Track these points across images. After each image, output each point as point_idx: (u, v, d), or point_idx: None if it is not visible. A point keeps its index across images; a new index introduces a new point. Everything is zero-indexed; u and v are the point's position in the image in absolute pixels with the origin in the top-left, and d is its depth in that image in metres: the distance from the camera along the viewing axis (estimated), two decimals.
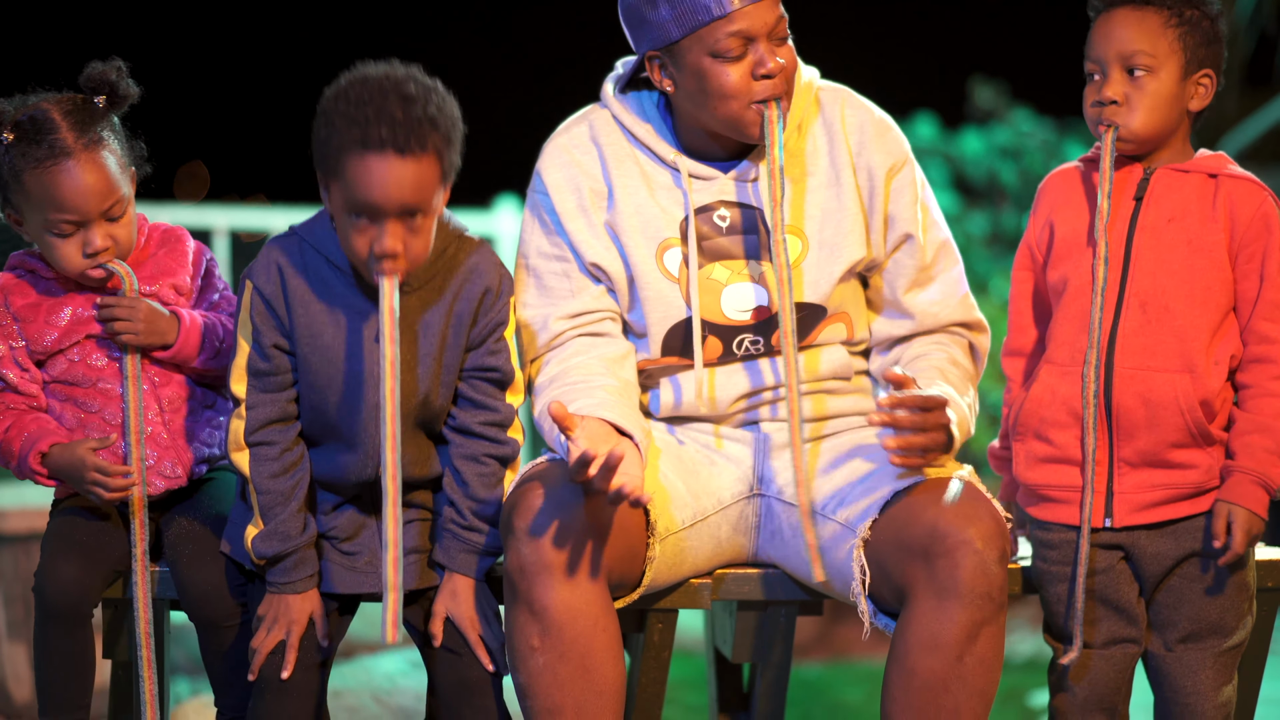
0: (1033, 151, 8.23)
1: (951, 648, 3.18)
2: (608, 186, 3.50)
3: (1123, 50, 3.29)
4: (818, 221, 3.46)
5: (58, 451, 3.35)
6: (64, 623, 3.37)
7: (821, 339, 3.50)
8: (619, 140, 3.51)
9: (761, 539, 3.52)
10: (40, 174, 3.31)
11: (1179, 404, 3.26)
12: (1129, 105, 3.29)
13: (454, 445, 3.36)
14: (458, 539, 3.33)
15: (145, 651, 3.37)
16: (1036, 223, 3.43)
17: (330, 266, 3.28)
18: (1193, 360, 3.27)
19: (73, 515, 3.42)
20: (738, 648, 3.69)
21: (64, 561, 3.36)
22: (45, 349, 3.41)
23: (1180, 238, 3.30)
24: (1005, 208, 8.16)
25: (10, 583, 5.45)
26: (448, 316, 3.31)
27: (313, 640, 3.32)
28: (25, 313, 3.41)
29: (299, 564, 3.30)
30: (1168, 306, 3.28)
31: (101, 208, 3.34)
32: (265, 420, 3.30)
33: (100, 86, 3.39)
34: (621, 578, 3.30)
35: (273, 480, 3.29)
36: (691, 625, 6.39)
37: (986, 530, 3.19)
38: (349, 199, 3.15)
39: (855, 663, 6.77)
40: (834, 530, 3.36)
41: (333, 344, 3.28)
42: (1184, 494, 3.29)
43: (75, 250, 3.35)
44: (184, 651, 5.71)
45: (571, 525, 3.20)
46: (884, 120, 3.53)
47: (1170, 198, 3.32)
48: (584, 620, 3.21)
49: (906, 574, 3.22)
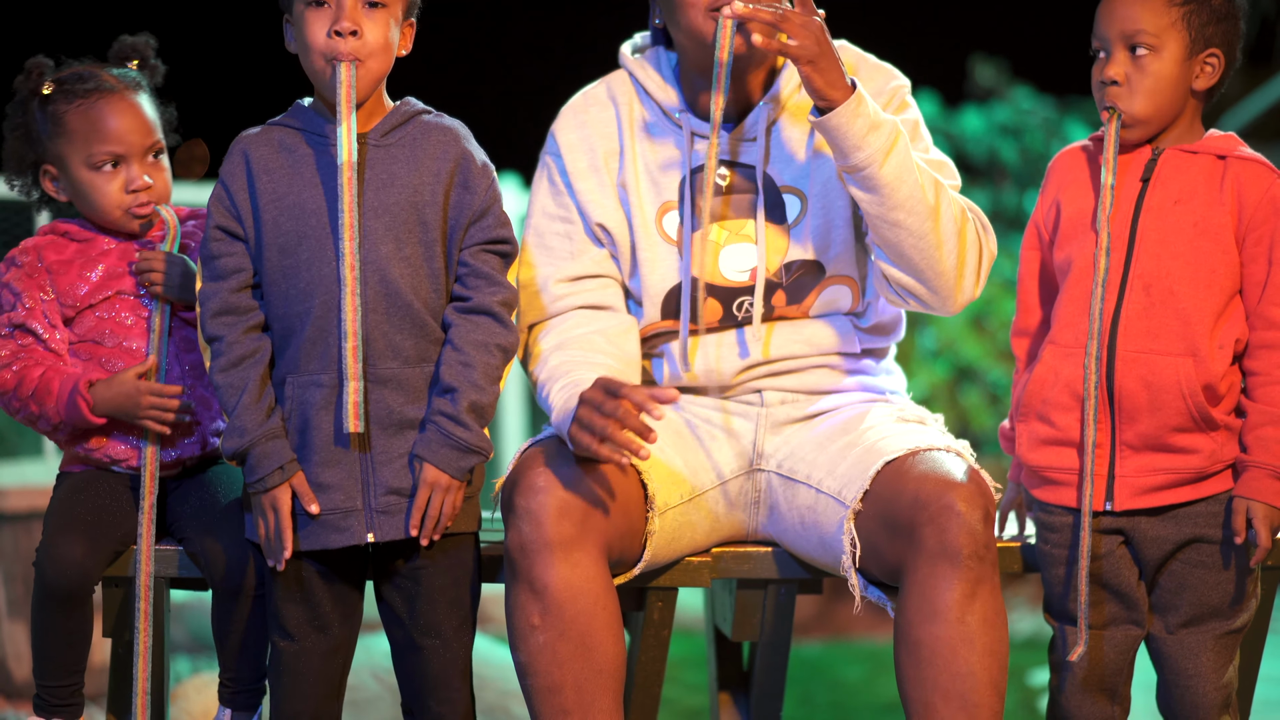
0: (1033, 130, 8.23)
1: (951, 610, 3.18)
2: (620, 146, 3.51)
3: (1125, 29, 3.27)
4: (817, 181, 3.45)
5: (102, 387, 3.37)
6: (63, 602, 3.37)
7: (822, 301, 3.49)
8: (633, 100, 3.52)
9: (760, 515, 3.53)
10: (85, 108, 3.40)
11: (1181, 387, 3.24)
12: (1130, 87, 3.27)
13: (465, 329, 3.27)
14: (442, 431, 3.24)
15: (144, 593, 3.37)
16: (1044, 202, 3.42)
17: (296, 133, 3.29)
18: (1196, 344, 3.25)
19: (77, 492, 3.42)
20: (737, 626, 3.69)
21: (66, 541, 3.35)
22: (76, 302, 3.43)
23: (1186, 220, 3.28)
24: (1006, 186, 8.15)
25: (10, 561, 5.45)
26: (419, 173, 3.28)
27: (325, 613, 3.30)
28: (58, 267, 3.44)
29: (262, 458, 3.22)
30: (1172, 289, 3.26)
31: (143, 143, 3.42)
32: (212, 311, 3.26)
33: (130, 54, 3.50)
34: (621, 555, 3.31)
35: (223, 374, 3.24)
36: (691, 603, 6.40)
37: (968, 492, 3.20)
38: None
39: (855, 641, 6.78)
40: (826, 504, 3.36)
41: (300, 200, 3.25)
42: (1185, 479, 3.27)
43: (118, 188, 3.41)
44: (184, 629, 5.72)
45: (573, 504, 3.21)
46: (881, 64, 3.52)
47: (1177, 179, 3.30)
48: (585, 599, 3.21)
49: (897, 548, 3.23)
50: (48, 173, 3.46)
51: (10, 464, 6.37)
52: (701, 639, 5.88)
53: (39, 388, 3.38)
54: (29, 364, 3.40)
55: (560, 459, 3.25)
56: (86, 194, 3.43)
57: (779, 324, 3.49)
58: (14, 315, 3.42)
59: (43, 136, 3.44)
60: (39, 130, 3.44)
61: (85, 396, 3.36)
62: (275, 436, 3.24)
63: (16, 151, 3.48)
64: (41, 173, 3.46)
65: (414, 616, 3.30)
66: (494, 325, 3.27)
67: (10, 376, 3.40)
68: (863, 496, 3.29)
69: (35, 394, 3.38)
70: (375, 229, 3.24)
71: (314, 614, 3.30)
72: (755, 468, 3.53)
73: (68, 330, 3.44)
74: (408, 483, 3.24)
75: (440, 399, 3.25)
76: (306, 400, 3.25)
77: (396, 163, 3.27)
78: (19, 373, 3.39)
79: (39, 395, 3.38)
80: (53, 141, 3.43)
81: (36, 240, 3.48)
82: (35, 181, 3.49)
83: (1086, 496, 3.27)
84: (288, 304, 3.26)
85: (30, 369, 3.39)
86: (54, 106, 3.42)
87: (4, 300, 3.44)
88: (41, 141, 3.44)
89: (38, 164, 3.47)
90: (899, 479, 3.26)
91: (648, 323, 3.51)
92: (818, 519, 3.38)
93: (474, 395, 3.24)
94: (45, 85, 3.43)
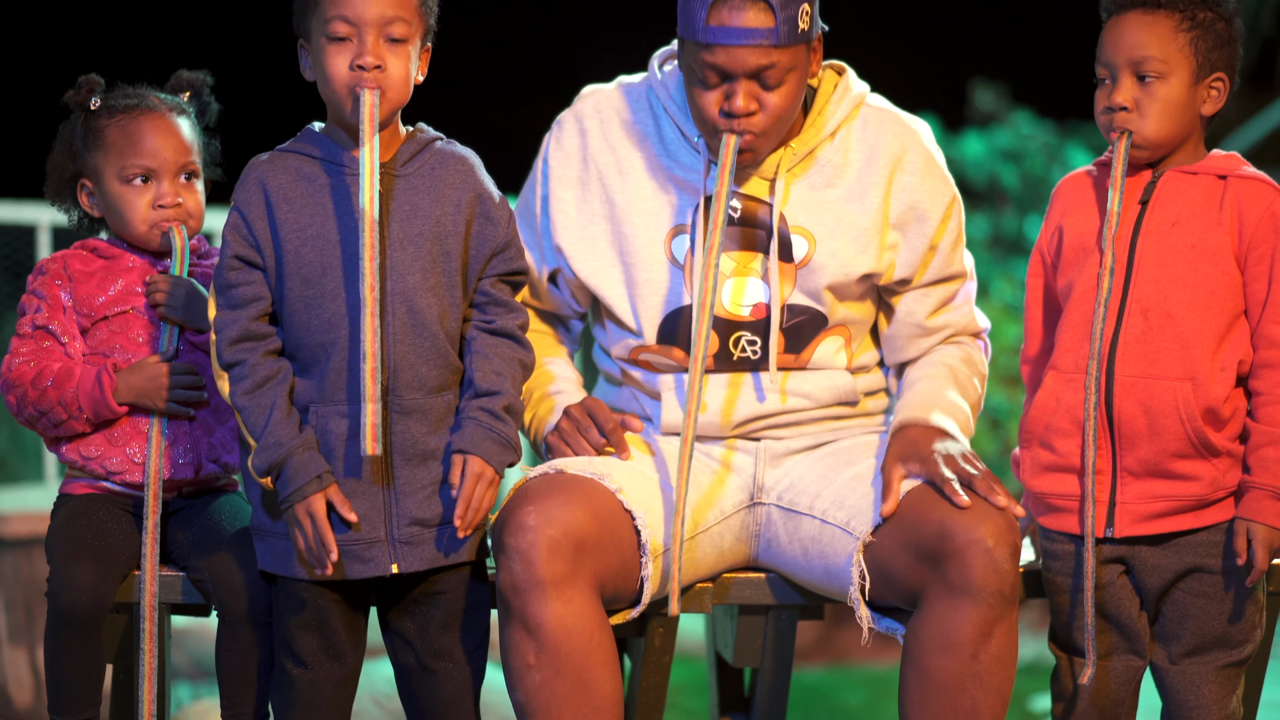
0: (1033, 154, 8.23)
1: (966, 646, 3.17)
2: (642, 152, 3.47)
3: (1133, 56, 3.26)
4: (830, 229, 3.43)
5: (126, 372, 3.41)
6: (79, 629, 3.37)
7: (819, 353, 3.48)
8: (650, 114, 3.50)
9: (760, 546, 3.52)
10: (124, 122, 3.45)
11: (1179, 412, 3.23)
12: (1140, 111, 3.26)
13: (492, 344, 3.31)
14: (484, 426, 3.25)
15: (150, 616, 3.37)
16: (1047, 228, 3.41)
17: (313, 161, 3.28)
18: (1195, 368, 3.24)
19: (78, 517, 3.43)
20: (739, 652, 3.69)
21: (78, 567, 3.35)
22: (91, 312, 3.45)
23: (1184, 242, 3.27)
24: (1006, 210, 8.16)
25: (11, 587, 5.45)
26: (441, 204, 3.28)
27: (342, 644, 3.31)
28: (81, 277, 3.47)
29: (300, 468, 3.20)
30: (1170, 313, 3.25)
31: (177, 161, 3.45)
32: (231, 339, 3.25)
33: (185, 88, 3.55)
34: (617, 592, 3.29)
35: (247, 396, 3.23)
36: (692, 629, 6.39)
37: (996, 527, 3.19)
38: (327, 20, 3.19)
39: (856, 667, 6.78)
40: (833, 535, 3.35)
41: (323, 231, 3.25)
42: (1186, 506, 3.26)
43: (146, 202, 3.45)
44: (185, 655, 5.71)
45: (563, 542, 3.19)
46: (935, 155, 3.49)
47: (1175, 201, 3.29)
48: (579, 636, 3.20)
49: (916, 574, 3.22)
50: (84, 186, 3.50)
51: (11, 489, 6.37)
52: (703, 665, 5.88)
53: (59, 375, 3.40)
54: (49, 360, 3.43)
55: (550, 497, 3.23)
56: (116, 206, 3.46)
57: (774, 385, 3.47)
58: (37, 317, 3.46)
59: (82, 150, 3.48)
60: (79, 143, 3.48)
61: (111, 376, 3.39)
62: (310, 448, 3.22)
63: (58, 165, 3.52)
64: (79, 186, 3.50)
65: (426, 640, 3.31)
66: (516, 346, 3.33)
67: (28, 370, 3.42)
68: (874, 529, 3.28)
69: (55, 381, 3.40)
70: (401, 260, 3.25)
71: (329, 642, 3.30)
72: (756, 501, 3.52)
73: (83, 340, 3.46)
74: (430, 513, 3.26)
75: (479, 399, 3.27)
76: (330, 430, 3.25)
77: (418, 193, 3.28)
78: (37, 366, 3.42)
79: (58, 381, 3.40)
80: (91, 154, 3.46)
81: (66, 252, 3.52)
82: (74, 196, 3.52)
83: (1088, 516, 3.26)
84: (310, 334, 3.26)
85: (50, 362, 3.42)
86: (96, 121, 3.46)
87: (29, 305, 3.47)
88: (81, 155, 3.48)
89: (76, 177, 3.50)
90: (924, 504, 3.24)
91: (638, 345, 3.50)
92: (823, 549, 3.37)
93: (509, 399, 3.28)
94: (93, 101, 3.47)
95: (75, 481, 3.48)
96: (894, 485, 3.27)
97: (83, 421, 3.42)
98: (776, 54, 3.28)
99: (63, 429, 3.43)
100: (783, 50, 3.28)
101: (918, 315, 3.52)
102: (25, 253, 6.62)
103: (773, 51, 3.27)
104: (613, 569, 3.26)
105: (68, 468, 3.51)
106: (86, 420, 3.42)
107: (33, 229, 6.60)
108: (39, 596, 5.16)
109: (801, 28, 3.28)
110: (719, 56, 3.28)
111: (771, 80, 3.29)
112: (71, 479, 3.49)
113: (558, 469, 3.32)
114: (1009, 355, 7.81)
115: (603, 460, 3.39)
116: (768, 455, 3.51)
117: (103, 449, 3.44)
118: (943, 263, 3.49)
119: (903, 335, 3.54)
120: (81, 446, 3.45)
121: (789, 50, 3.29)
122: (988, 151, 8.25)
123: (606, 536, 3.25)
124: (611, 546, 3.26)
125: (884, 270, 3.47)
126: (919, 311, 3.51)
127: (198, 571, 3.41)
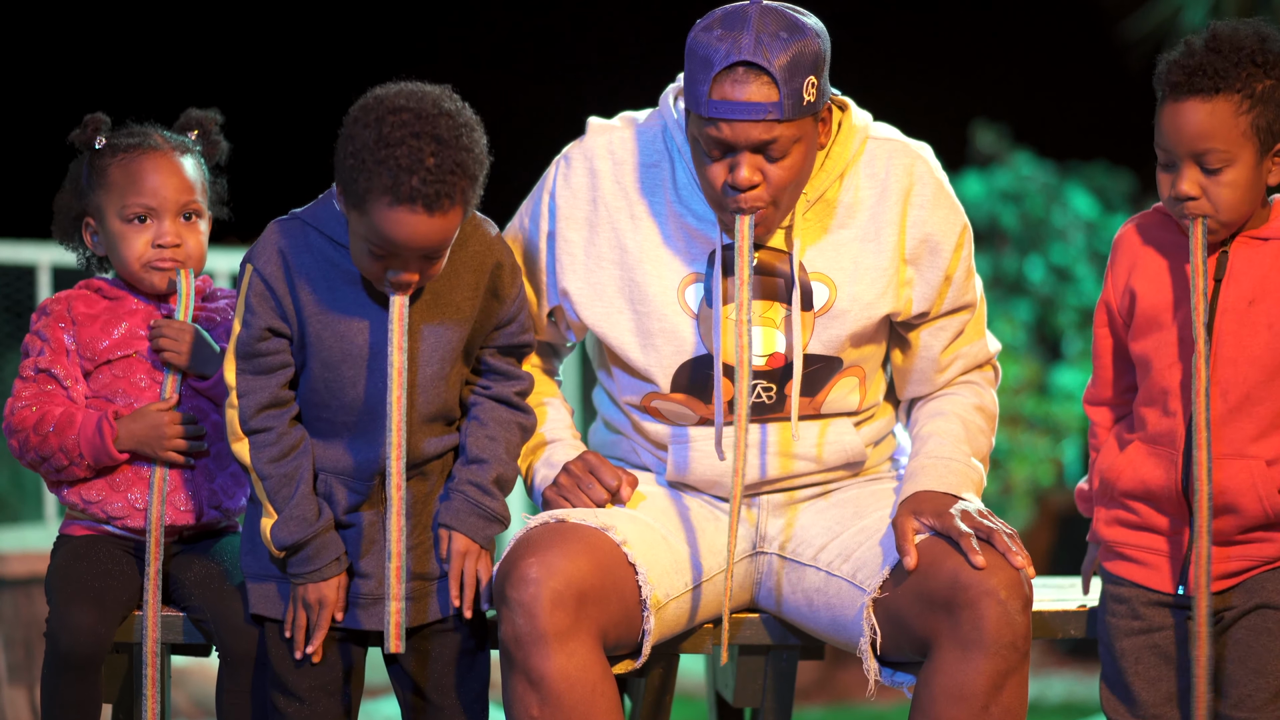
0: (1033, 195, 8.24)
1: (978, 698, 3.16)
2: (653, 197, 3.43)
3: (1195, 148, 3.17)
4: (849, 272, 3.39)
5: (127, 419, 3.41)
6: (77, 670, 3.37)
7: (833, 395, 3.44)
8: (666, 156, 3.44)
9: (761, 594, 3.51)
10: (127, 161, 3.45)
11: (1257, 491, 3.19)
12: (1209, 197, 3.18)
13: (488, 409, 3.35)
14: (470, 500, 3.30)
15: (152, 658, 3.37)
16: (1116, 284, 3.33)
17: (335, 246, 3.27)
18: (1273, 448, 3.20)
19: (78, 559, 3.43)
20: (739, 692, 3.68)
21: (78, 609, 3.36)
22: (95, 355, 3.45)
23: (1261, 321, 3.21)
24: (1006, 251, 8.16)
25: (11, 626, 5.44)
26: (460, 289, 3.29)
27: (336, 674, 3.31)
28: (84, 319, 3.47)
29: (322, 549, 3.26)
30: (1248, 395, 3.20)
31: (178, 201, 3.45)
32: (259, 406, 3.27)
33: (194, 126, 3.54)
34: (619, 640, 3.28)
35: (273, 465, 3.26)
36: (693, 669, 6.38)
37: (1010, 579, 3.17)
38: (370, 235, 3.15)
39: (857, 707, 6.76)
40: (840, 587, 3.34)
41: (345, 319, 3.26)
42: (1257, 565, 3.23)
43: (144, 242, 3.45)
44: (186, 695, 5.71)
45: (566, 594, 3.18)
46: (943, 182, 3.46)
47: (1249, 275, 3.22)
48: (582, 688, 3.19)
49: (928, 625, 3.20)
50: (88, 225, 3.50)
51: (11, 529, 6.36)
52: (703, 705, 5.86)
53: (60, 421, 3.40)
54: (51, 405, 3.43)
55: (552, 548, 3.22)
56: (115, 245, 3.46)
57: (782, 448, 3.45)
58: (40, 359, 3.46)
59: (87, 189, 3.48)
60: (85, 182, 3.49)
61: (111, 424, 3.39)
62: (331, 528, 3.28)
63: (65, 204, 3.52)
64: (84, 225, 3.51)
65: (431, 678, 3.33)
66: (515, 410, 3.37)
67: (30, 415, 3.42)
68: (882, 584, 3.26)
69: (56, 427, 3.40)
70: (422, 350, 3.28)
71: (326, 679, 3.31)
72: (758, 550, 3.50)
73: (85, 384, 3.46)
74: (431, 567, 3.31)
75: (468, 468, 3.32)
76: (335, 497, 3.31)
77: (439, 280, 3.28)
78: (40, 410, 3.42)
79: (60, 428, 3.40)
80: (94, 193, 3.47)
81: (70, 292, 3.52)
82: (79, 235, 3.53)
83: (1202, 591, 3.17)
84: (328, 410, 3.30)
85: (52, 408, 3.42)
86: (101, 160, 3.47)
87: (33, 346, 3.47)
88: (86, 194, 3.49)
89: (81, 216, 3.51)
90: (937, 555, 3.22)
91: (652, 393, 3.46)
92: (829, 601, 3.36)
93: (500, 468, 3.32)
94: (98, 140, 3.48)
95: (75, 523, 3.48)
96: (909, 537, 3.25)
97: (84, 468, 3.42)
98: (780, 128, 3.23)
99: (64, 474, 3.44)
100: (787, 124, 3.23)
101: (934, 350, 3.48)
102: (26, 293, 6.63)
103: (776, 126, 3.22)
104: (615, 619, 3.25)
105: (68, 509, 3.51)
106: (88, 466, 3.42)
107: (33, 269, 6.61)
108: (38, 636, 5.15)
109: (807, 100, 3.23)
110: (722, 131, 3.23)
111: (775, 153, 3.25)
112: (71, 520, 3.49)
113: (559, 518, 3.31)
114: (1008, 396, 7.80)
115: (607, 511, 3.38)
116: (769, 505, 3.49)
117: (104, 494, 3.44)
118: (957, 293, 3.46)
119: (919, 370, 3.51)
120: (83, 491, 3.45)
121: (794, 124, 3.24)
122: (988, 192, 8.25)
123: (609, 586, 3.24)
124: (614, 596, 3.25)
125: (902, 308, 3.43)
126: (935, 346, 3.48)
127: (198, 611, 3.41)
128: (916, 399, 3.56)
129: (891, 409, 3.59)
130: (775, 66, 3.20)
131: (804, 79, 3.22)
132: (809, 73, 3.23)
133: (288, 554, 3.26)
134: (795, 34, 3.22)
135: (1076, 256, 8.16)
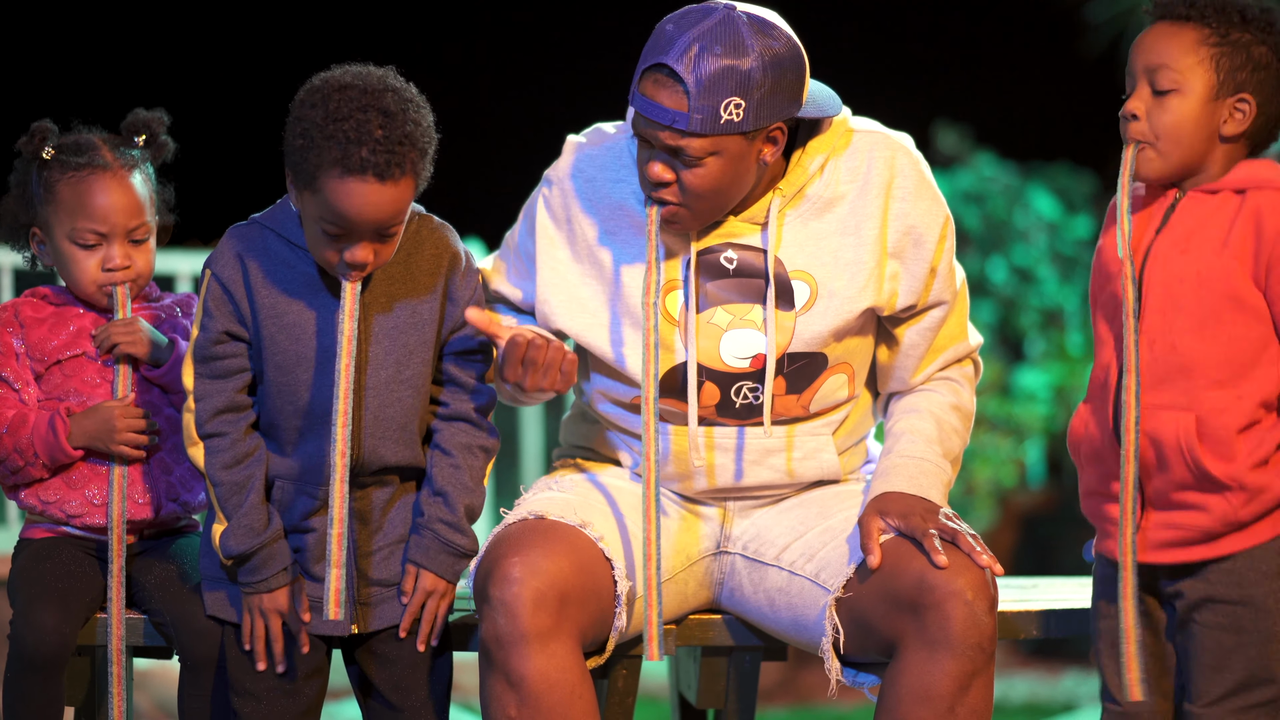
0: (995, 196, 8.25)
1: (944, 699, 3.16)
2: (602, 219, 3.43)
3: (1148, 62, 3.16)
4: (829, 268, 3.38)
5: (79, 416, 3.41)
6: (41, 671, 3.37)
7: (822, 392, 3.43)
8: (631, 169, 3.43)
9: (723, 593, 3.51)
10: (75, 182, 3.42)
11: (1179, 444, 3.12)
12: (1149, 122, 3.15)
13: (449, 434, 3.34)
14: (440, 538, 3.30)
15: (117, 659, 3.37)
16: None
17: (291, 248, 3.27)
18: (1198, 398, 3.13)
19: (40, 560, 3.43)
20: (702, 693, 3.68)
21: (42, 609, 3.36)
22: (45, 356, 3.45)
23: (1189, 270, 3.14)
24: (969, 252, 8.17)
25: None
26: (415, 289, 3.29)
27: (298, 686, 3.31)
28: (31, 322, 3.47)
29: (268, 560, 3.26)
30: (1174, 345, 3.14)
31: (127, 225, 3.43)
32: (215, 410, 3.28)
33: (141, 129, 3.51)
34: (594, 638, 3.30)
35: (226, 471, 3.27)
36: (656, 670, 6.38)
37: (976, 580, 3.18)
38: (323, 213, 3.15)
39: (820, 708, 6.77)
40: (802, 587, 3.35)
41: (299, 321, 3.26)
42: (1193, 538, 3.15)
43: (95, 265, 3.44)
44: (148, 698, 5.69)
45: (548, 595, 3.19)
46: (925, 174, 3.44)
47: (1186, 225, 3.17)
48: (561, 690, 3.19)
49: (894, 625, 3.21)
50: (35, 235, 3.49)
51: None
52: (666, 706, 5.87)
53: (13, 422, 3.40)
54: (2, 407, 3.43)
55: (534, 547, 3.22)
56: (66, 265, 3.46)
57: (759, 456, 3.45)
58: None
59: (35, 200, 3.47)
60: (33, 193, 3.47)
61: (64, 420, 3.39)
62: (280, 538, 3.28)
63: (12, 210, 3.51)
64: (30, 234, 3.50)
65: (391, 680, 3.32)
66: (473, 429, 3.34)
67: None
68: (847, 583, 3.27)
69: (9, 429, 3.40)
70: (376, 354, 3.27)
71: (284, 678, 3.31)
72: (722, 549, 3.51)
73: (37, 387, 3.45)
74: (388, 574, 3.32)
75: (434, 502, 3.31)
76: (295, 506, 3.31)
77: (395, 283, 3.29)
78: None
79: (13, 429, 3.40)
80: (43, 207, 3.46)
81: (16, 300, 3.52)
82: (25, 241, 3.52)
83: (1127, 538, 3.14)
84: (283, 416, 3.30)
85: (4, 410, 3.42)
86: (49, 174, 3.44)
87: None
88: (34, 205, 3.47)
89: (28, 225, 3.49)
90: (903, 555, 3.22)
91: (638, 395, 3.43)
92: (791, 601, 3.36)
93: (467, 499, 3.32)
94: (46, 150, 3.46)
95: (36, 526, 3.48)
96: (874, 536, 3.25)
97: (39, 467, 3.41)
98: (686, 140, 3.22)
99: (20, 475, 3.43)
100: (696, 137, 3.21)
101: (915, 343, 3.47)
102: None
103: (681, 136, 3.22)
104: (593, 619, 3.26)
105: (27, 513, 3.50)
106: (43, 465, 3.41)
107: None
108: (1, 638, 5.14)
109: (727, 119, 3.20)
110: (640, 125, 3.26)
111: (686, 160, 3.24)
112: (32, 524, 3.49)
113: (537, 514, 3.31)
114: None
115: (582, 504, 3.37)
116: (738, 507, 3.50)
117: (61, 493, 3.43)
118: (942, 285, 3.44)
119: (900, 364, 3.49)
120: (40, 491, 3.44)
121: (707, 139, 3.22)
122: (950, 193, 8.27)
123: (589, 586, 3.25)
124: (593, 597, 3.25)
125: (886, 302, 3.41)
126: (916, 339, 3.47)
127: (159, 615, 3.41)
128: (895, 394, 3.55)
129: (870, 400, 3.57)
130: (690, 79, 3.19)
131: (723, 98, 3.20)
132: (731, 94, 3.20)
133: (235, 563, 3.26)
134: (732, 53, 3.20)
135: (1039, 258, 8.18)
